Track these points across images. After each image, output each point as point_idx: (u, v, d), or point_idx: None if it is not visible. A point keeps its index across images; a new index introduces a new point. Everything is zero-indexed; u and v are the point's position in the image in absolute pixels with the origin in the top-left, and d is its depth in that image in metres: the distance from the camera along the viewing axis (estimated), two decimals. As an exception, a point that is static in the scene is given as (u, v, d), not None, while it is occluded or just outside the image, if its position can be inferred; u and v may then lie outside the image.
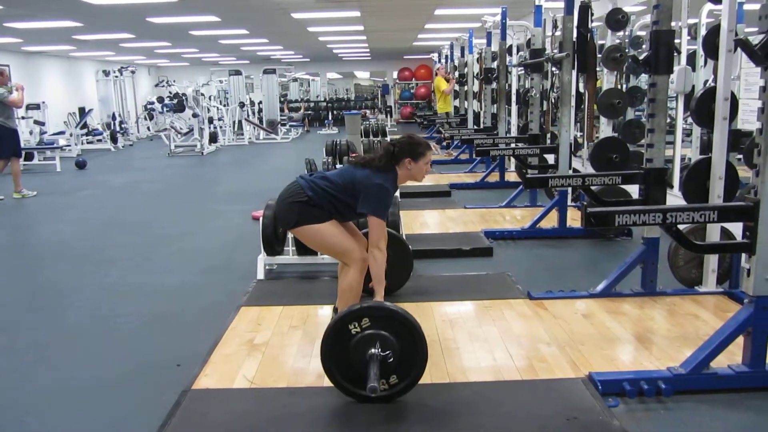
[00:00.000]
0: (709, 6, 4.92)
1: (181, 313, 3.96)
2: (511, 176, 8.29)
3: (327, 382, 2.81)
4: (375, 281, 3.01)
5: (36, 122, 13.09)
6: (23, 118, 12.60)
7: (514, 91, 9.19)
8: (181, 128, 15.32)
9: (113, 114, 16.68)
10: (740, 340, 2.74)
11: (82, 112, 16.00)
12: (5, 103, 8.15)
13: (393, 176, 3.10)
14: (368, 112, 20.52)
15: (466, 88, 11.79)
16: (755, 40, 2.66)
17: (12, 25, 10.50)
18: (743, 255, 2.77)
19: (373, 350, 2.53)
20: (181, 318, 3.88)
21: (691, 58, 5.52)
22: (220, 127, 15.94)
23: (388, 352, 2.53)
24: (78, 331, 3.72)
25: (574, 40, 5.17)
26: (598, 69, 5.49)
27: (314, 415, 2.60)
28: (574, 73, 5.36)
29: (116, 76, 17.42)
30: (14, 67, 14.62)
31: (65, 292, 4.49)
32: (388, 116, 20.95)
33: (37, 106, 13.31)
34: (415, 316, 3.51)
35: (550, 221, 5.59)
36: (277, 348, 3.21)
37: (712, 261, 3.84)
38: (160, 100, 18.34)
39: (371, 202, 2.99)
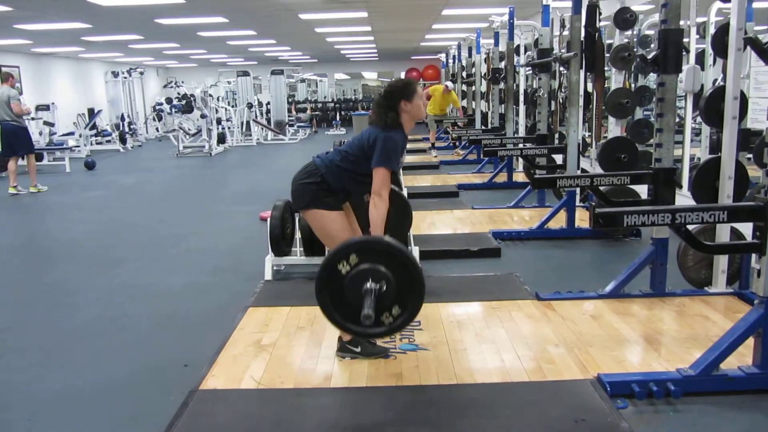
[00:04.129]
0: (718, 4, 4.89)
1: (189, 313, 3.97)
2: (519, 177, 8.27)
3: (334, 383, 2.82)
4: (373, 229, 2.96)
5: (45, 123, 13.17)
6: (33, 119, 12.69)
7: (521, 91, 9.16)
8: (189, 129, 15.37)
9: (122, 115, 16.78)
10: (750, 341, 2.72)
11: (92, 113, 16.10)
12: (15, 105, 8.49)
13: (398, 128, 3.07)
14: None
15: (474, 88, 11.77)
16: (765, 38, 2.64)
17: (22, 26, 10.57)
18: (753, 255, 2.74)
19: (367, 285, 2.47)
20: (189, 318, 3.89)
21: (700, 57, 5.49)
22: (228, 128, 15.99)
23: (382, 282, 2.47)
24: (85, 331, 3.74)
25: (582, 39, 5.14)
26: (606, 68, 5.47)
27: (321, 416, 2.59)
28: (582, 72, 5.34)
29: (125, 78, 17.51)
30: (24, 68, 14.73)
31: (73, 292, 4.51)
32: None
33: (46, 107, 13.41)
34: (423, 317, 3.54)
35: (559, 222, 5.57)
36: (285, 349, 3.21)
37: (721, 261, 3.81)
38: (169, 101, 18.43)
39: (378, 154, 2.97)
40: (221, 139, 14.81)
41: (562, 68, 7.48)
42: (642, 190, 4.75)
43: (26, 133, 8.87)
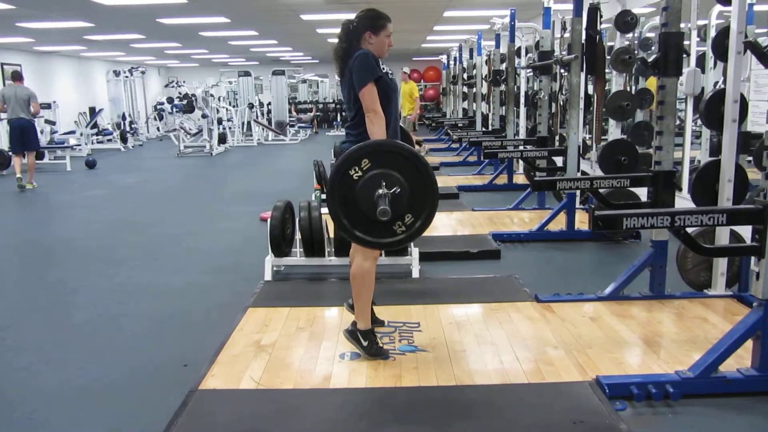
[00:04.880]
0: (719, 7, 4.91)
1: (188, 313, 3.98)
2: (520, 179, 8.28)
3: (334, 384, 2.83)
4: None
5: (47, 122, 13.18)
6: (34, 116, 12.70)
7: (522, 93, 9.17)
8: (190, 129, 15.39)
9: (123, 114, 16.79)
10: (749, 343, 2.72)
11: (93, 111, 16.11)
12: (35, 105, 9.18)
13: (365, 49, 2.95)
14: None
15: (474, 90, 11.78)
16: (765, 42, 2.65)
17: (24, 25, 10.58)
18: (752, 258, 2.75)
19: (380, 191, 2.41)
20: (188, 318, 3.89)
21: (701, 60, 5.50)
22: (229, 128, 15.99)
23: (395, 188, 2.41)
24: (85, 330, 3.74)
25: (583, 42, 5.15)
26: (606, 71, 5.48)
27: (320, 417, 2.60)
28: (583, 75, 5.35)
29: (126, 77, 17.53)
30: (26, 66, 14.72)
31: (73, 290, 4.51)
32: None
33: (48, 106, 13.41)
34: (423, 318, 3.55)
35: (558, 224, 5.57)
36: (284, 349, 3.22)
37: (721, 264, 3.82)
38: (170, 100, 18.44)
39: (356, 77, 2.85)
40: (222, 139, 14.82)
41: (562, 70, 7.49)
42: (642, 193, 4.75)
43: (35, 130, 9.47)
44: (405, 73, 12.06)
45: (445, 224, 6.12)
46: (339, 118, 20.76)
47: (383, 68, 2.98)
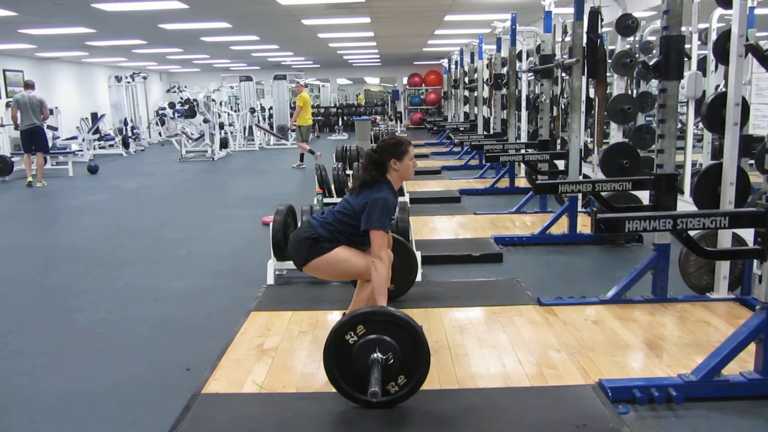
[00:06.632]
0: (720, 11, 4.91)
1: (191, 317, 3.98)
2: (521, 182, 8.27)
3: (336, 388, 2.82)
4: (376, 292, 2.98)
5: (49, 127, 13.13)
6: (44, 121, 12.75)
7: (524, 96, 9.18)
8: (192, 134, 15.41)
9: (125, 119, 16.81)
10: (752, 347, 2.72)
11: (95, 117, 16.13)
12: (46, 110, 10.16)
13: (387, 185, 3.13)
14: (378, 117, 20.54)
15: (476, 93, 11.80)
16: (766, 45, 2.65)
17: (26, 31, 10.60)
18: (755, 261, 2.75)
19: (374, 355, 2.51)
20: (191, 322, 3.89)
21: (702, 63, 5.50)
22: (231, 132, 16.01)
23: (389, 354, 2.52)
24: (87, 334, 3.75)
25: (584, 45, 5.16)
26: (608, 74, 5.48)
27: (323, 420, 2.60)
28: (584, 78, 5.35)
29: (128, 82, 17.56)
30: (28, 72, 14.77)
31: (75, 295, 4.52)
32: (398, 122, 20.98)
33: (50, 112, 13.41)
34: (425, 321, 3.55)
35: (560, 227, 5.57)
36: (287, 353, 3.22)
37: (723, 267, 3.81)
38: (172, 105, 18.45)
39: (370, 216, 3.01)
40: (224, 143, 14.84)
41: (564, 74, 7.50)
42: (644, 196, 4.75)
43: (44, 133, 10.31)
44: (300, 84, 12.55)
45: (447, 228, 6.12)
46: (340, 122, 20.79)
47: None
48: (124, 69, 19.19)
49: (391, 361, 2.52)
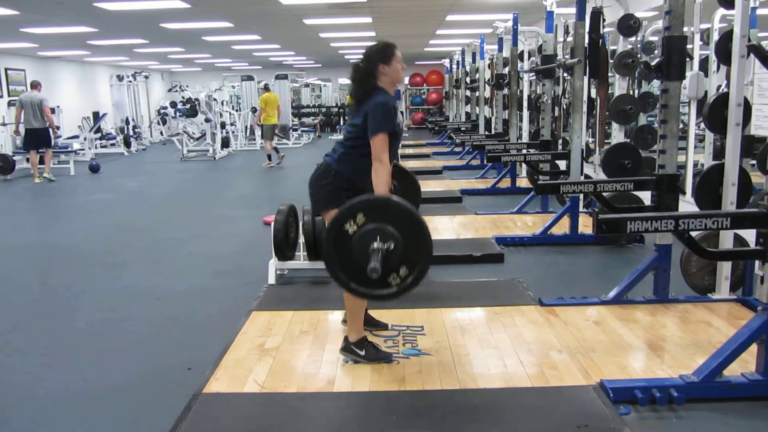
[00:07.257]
0: (722, 11, 4.91)
1: (192, 316, 3.98)
2: (523, 182, 8.27)
3: (337, 388, 2.82)
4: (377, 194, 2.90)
5: (56, 129, 13.21)
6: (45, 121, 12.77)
7: (525, 96, 9.17)
8: (193, 133, 15.40)
9: (127, 118, 16.82)
10: (754, 348, 2.72)
11: (96, 116, 16.14)
12: (47, 109, 10.17)
13: (382, 92, 3.05)
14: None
15: (477, 93, 11.79)
16: (769, 46, 2.65)
17: (28, 30, 10.62)
18: (756, 262, 2.74)
19: (375, 244, 2.44)
20: (192, 322, 3.90)
21: (704, 64, 5.50)
22: (233, 132, 16.02)
23: (389, 242, 2.45)
24: (88, 334, 3.75)
25: (586, 45, 5.16)
26: (609, 75, 5.48)
27: (324, 420, 2.60)
28: (586, 78, 5.35)
29: (130, 81, 17.57)
30: (30, 71, 14.79)
31: (76, 294, 4.52)
32: (400, 122, 20.94)
33: (52, 110, 13.42)
34: (426, 322, 3.55)
35: (562, 227, 5.57)
36: (288, 353, 3.22)
37: (725, 268, 3.81)
38: (173, 104, 18.45)
39: (372, 122, 2.93)
40: (225, 143, 14.83)
41: (565, 74, 7.49)
42: (645, 197, 4.75)
43: (47, 132, 10.37)
44: (264, 89, 12.90)
45: (448, 228, 6.12)
46: (342, 122, 20.79)
47: (398, 118, 3.06)
48: (126, 68, 19.21)
49: (392, 248, 2.43)
